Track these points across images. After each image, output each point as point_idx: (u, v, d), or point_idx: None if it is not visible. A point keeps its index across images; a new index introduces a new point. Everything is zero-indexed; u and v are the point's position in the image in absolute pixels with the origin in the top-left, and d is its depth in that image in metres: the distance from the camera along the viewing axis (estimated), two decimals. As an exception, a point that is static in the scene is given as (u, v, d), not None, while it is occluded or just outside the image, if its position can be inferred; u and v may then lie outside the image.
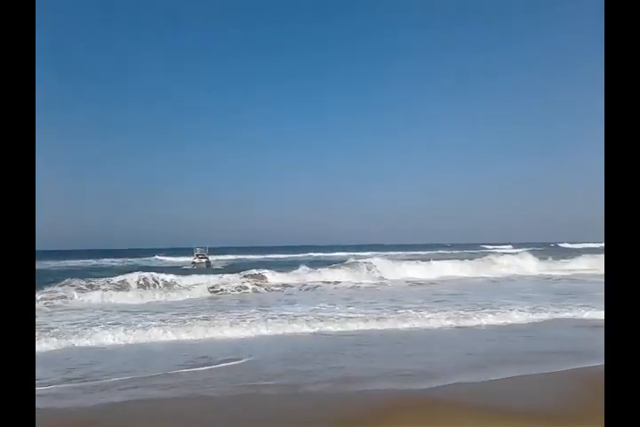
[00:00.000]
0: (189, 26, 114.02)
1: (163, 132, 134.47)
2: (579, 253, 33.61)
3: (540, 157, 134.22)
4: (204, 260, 44.52)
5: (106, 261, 56.60)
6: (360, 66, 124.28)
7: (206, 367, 7.50)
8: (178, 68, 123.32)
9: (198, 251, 46.26)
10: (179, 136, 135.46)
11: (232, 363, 7.71)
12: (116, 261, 57.19)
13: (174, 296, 17.64)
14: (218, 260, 51.91)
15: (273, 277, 23.13)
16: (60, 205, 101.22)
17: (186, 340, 9.70)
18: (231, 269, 32.26)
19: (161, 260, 59.38)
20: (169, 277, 21.31)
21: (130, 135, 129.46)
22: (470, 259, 30.44)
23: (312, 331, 10.29)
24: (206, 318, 11.75)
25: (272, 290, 20.09)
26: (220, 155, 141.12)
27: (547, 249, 63.25)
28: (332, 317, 11.71)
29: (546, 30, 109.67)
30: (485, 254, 35.05)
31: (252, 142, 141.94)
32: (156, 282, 20.63)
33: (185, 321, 11.35)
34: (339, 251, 73.99)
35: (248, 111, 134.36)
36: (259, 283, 21.48)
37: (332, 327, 10.54)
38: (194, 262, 44.12)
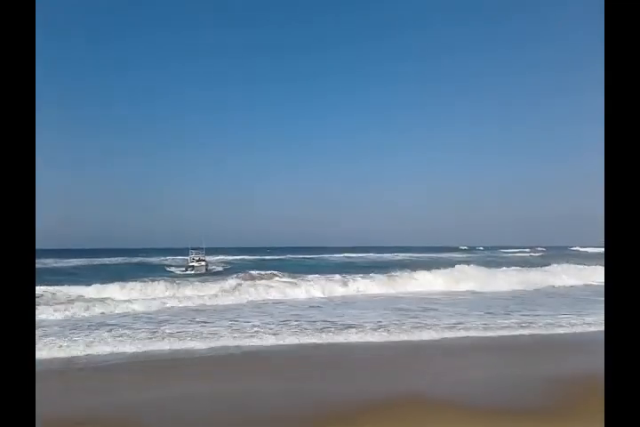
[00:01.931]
0: (193, 25, 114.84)
1: (162, 132, 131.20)
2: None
3: (545, 160, 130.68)
4: (202, 263, 39.84)
5: (73, 262, 50.19)
6: (363, 66, 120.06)
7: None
8: (178, 66, 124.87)
9: (194, 253, 41.58)
10: (178, 136, 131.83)
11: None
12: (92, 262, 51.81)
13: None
14: (218, 260, 48.94)
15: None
16: (58, 205, 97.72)
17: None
18: (231, 272, 28.01)
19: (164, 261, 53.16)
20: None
21: (129, 134, 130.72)
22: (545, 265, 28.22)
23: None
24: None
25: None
26: (220, 154, 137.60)
27: (582, 254, 58.75)
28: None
29: (547, 31, 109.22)
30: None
31: (252, 142, 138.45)
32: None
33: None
34: (335, 252, 68.91)
35: (249, 111, 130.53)
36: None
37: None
38: (192, 266, 39.29)
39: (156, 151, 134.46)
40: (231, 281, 20.75)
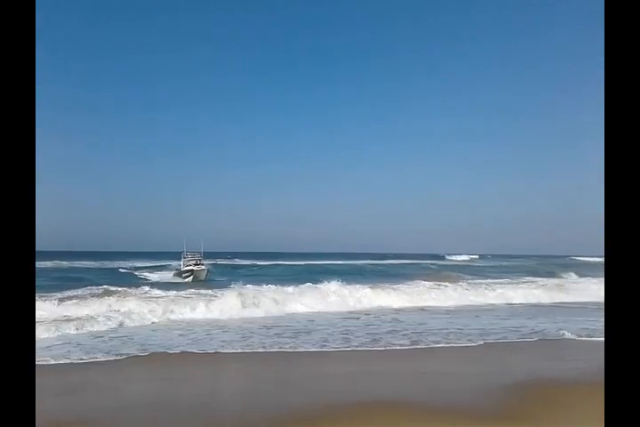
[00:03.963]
0: (198, 34, 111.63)
1: (164, 138, 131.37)
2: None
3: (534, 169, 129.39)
4: (203, 267, 32.59)
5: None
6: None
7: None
8: (180, 75, 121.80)
9: (189, 256, 34.20)
10: (177, 144, 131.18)
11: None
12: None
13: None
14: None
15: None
16: (56, 208, 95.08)
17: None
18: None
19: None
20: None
21: (129, 140, 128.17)
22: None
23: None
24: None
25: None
26: (223, 163, 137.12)
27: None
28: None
29: (547, 30, 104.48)
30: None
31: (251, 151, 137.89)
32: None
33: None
34: (339, 259, 65.75)
35: (250, 120, 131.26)
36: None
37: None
38: (189, 271, 32.06)
39: (155, 156, 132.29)
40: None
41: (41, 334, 10.63)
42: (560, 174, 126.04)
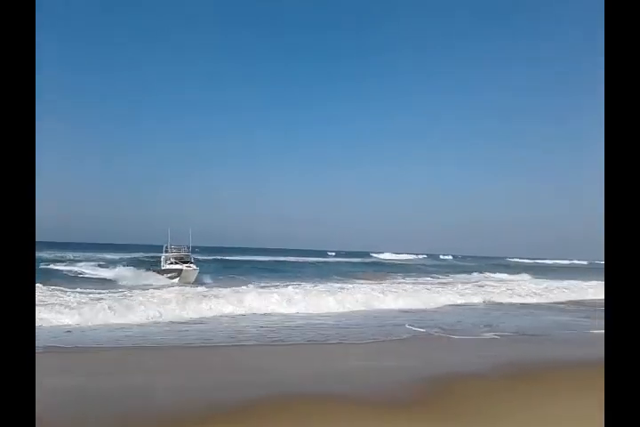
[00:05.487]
0: (197, 23, 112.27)
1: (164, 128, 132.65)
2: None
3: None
4: (192, 266, 26.53)
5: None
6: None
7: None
8: (181, 63, 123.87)
9: (174, 250, 28.51)
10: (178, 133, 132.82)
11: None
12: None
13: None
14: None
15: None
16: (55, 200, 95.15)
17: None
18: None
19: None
20: None
21: (128, 131, 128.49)
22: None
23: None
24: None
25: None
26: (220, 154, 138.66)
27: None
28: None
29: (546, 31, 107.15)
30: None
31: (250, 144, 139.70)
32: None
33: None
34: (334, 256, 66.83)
35: (248, 112, 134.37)
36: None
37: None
38: (175, 271, 26.17)
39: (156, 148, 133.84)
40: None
41: None
42: (558, 173, 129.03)
